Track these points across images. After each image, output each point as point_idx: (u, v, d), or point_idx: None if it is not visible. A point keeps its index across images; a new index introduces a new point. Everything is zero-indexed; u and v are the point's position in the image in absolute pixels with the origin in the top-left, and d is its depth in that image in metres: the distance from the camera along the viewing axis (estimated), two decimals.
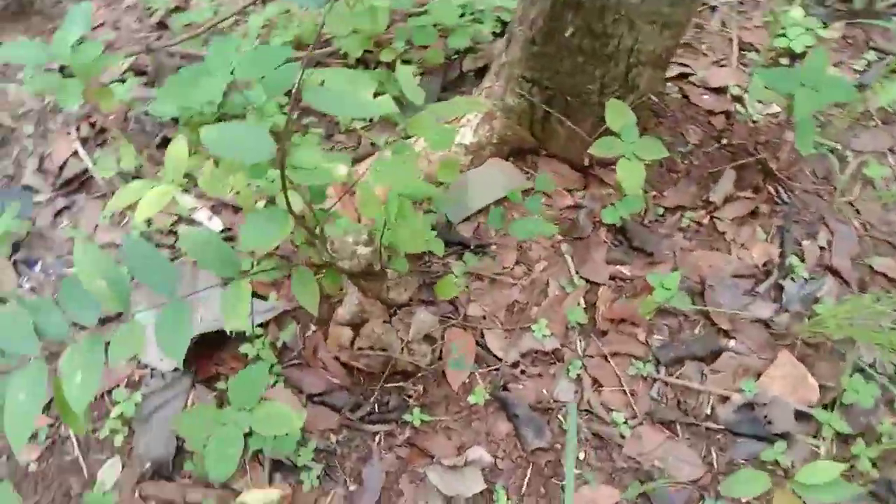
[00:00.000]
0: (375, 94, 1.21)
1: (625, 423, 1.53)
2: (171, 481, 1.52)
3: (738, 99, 2.05)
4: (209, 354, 1.65)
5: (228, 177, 1.27)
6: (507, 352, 1.63)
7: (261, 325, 1.69)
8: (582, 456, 1.51)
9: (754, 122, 1.99)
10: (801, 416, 1.50)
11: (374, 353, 1.58)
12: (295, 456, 1.51)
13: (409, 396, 1.60)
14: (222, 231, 1.85)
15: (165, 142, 1.93)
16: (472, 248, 1.77)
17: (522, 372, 1.62)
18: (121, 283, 1.15)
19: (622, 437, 1.52)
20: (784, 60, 2.14)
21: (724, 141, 1.94)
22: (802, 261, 1.73)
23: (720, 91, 2.07)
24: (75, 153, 1.98)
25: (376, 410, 1.59)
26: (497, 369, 1.62)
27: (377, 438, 1.55)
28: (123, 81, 2.08)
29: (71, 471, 1.56)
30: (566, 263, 1.77)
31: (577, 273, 1.75)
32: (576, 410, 1.55)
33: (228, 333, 1.62)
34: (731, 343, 1.62)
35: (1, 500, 1.50)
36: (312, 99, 0.97)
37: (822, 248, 1.76)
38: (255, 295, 1.75)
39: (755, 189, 1.85)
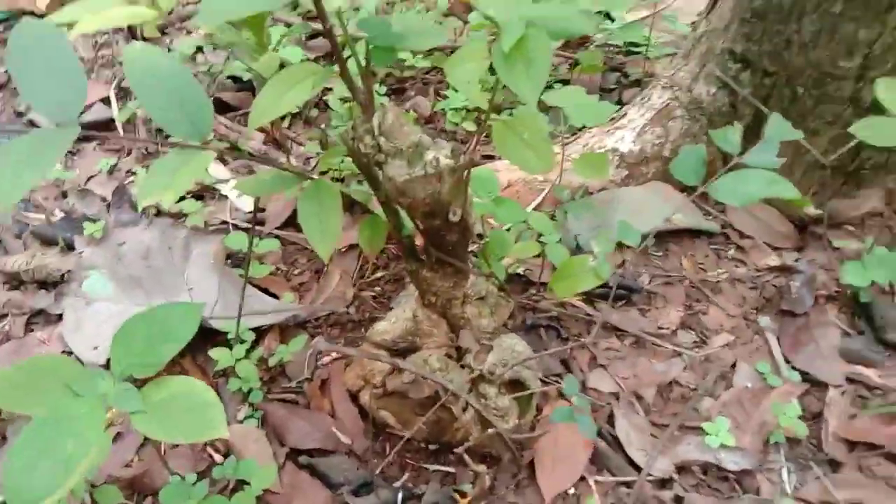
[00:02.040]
0: None
1: None
2: None
3: None
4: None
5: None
6: (651, 458, 0.90)
7: (254, 331, 1.05)
8: None
9: None
10: None
11: (418, 398, 0.89)
12: None
13: (462, 494, 0.87)
14: (251, 215, 1.28)
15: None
16: (610, 286, 1.09)
17: (678, 500, 0.87)
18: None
19: None
20: None
21: None
22: None
23: None
24: (105, 99, 1.52)
25: (397, 503, 0.87)
26: (630, 483, 0.89)
27: None
28: None
29: None
30: (767, 344, 1.06)
31: (787, 362, 1.03)
32: None
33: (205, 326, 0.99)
34: None
35: None
36: None
37: None
38: (264, 291, 1.13)
39: None
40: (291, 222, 1.28)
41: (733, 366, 1.02)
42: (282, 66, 0.77)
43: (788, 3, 1.05)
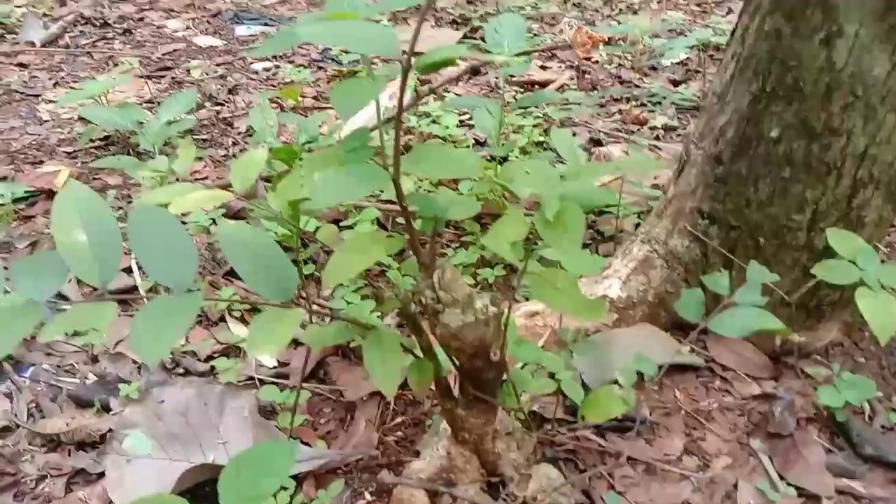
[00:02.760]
0: None
1: None
2: None
3: None
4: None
5: (312, 175, 0.88)
6: None
7: (294, 478, 1.12)
8: None
9: None
10: None
11: None
12: None
13: None
14: (274, 370, 1.37)
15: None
16: (618, 419, 1.21)
17: None
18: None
19: None
20: None
21: None
22: None
23: None
24: (128, 268, 1.63)
25: None
26: None
27: None
28: None
29: None
30: (762, 464, 1.17)
31: (781, 478, 1.14)
32: None
33: None
34: None
35: None
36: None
37: None
38: (298, 440, 1.21)
39: None
40: (314, 375, 1.37)
41: (735, 485, 1.13)
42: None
43: (745, 170, 1.27)
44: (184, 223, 1.46)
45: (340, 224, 1.68)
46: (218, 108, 2.49)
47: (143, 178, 1.44)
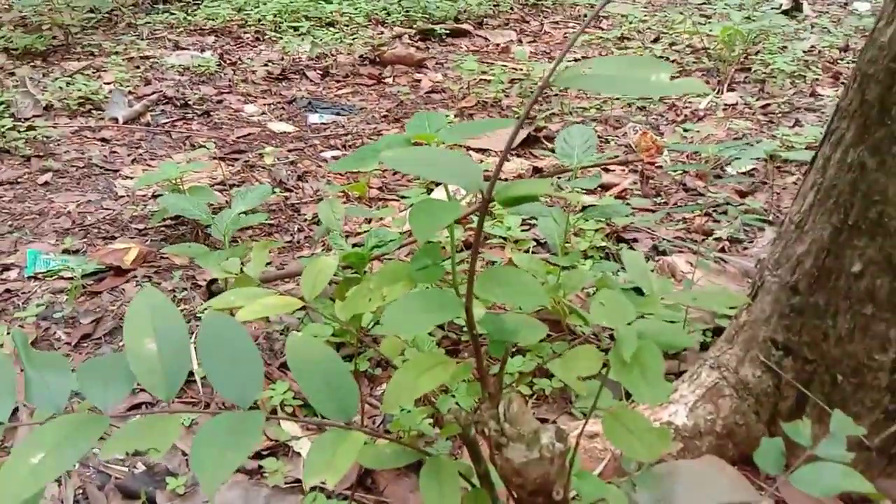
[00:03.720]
0: None
1: None
2: None
3: None
4: None
5: (380, 290, 0.87)
6: None
7: None
8: None
9: None
10: None
11: None
12: None
13: None
14: None
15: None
16: None
17: None
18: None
19: None
20: None
21: None
22: None
23: None
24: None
25: None
26: None
27: None
28: None
29: None
30: None
31: None
32: None
33: None
34: None
35: None
36: None
37: None
38: None
39: None
40: (361, 482, 1.33)
41: None
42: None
43: (824, 303, 1.21)
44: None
45: None
46: (287, 193, 2.55)
47: (210, 268, 1.46)
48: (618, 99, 3.68)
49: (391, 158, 0.73)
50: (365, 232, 2.16)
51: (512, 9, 5.35)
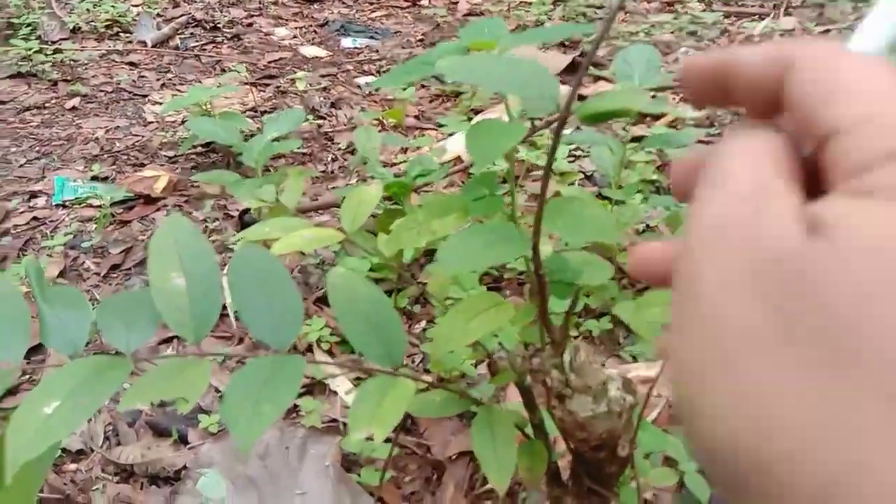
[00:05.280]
0: None
1: None
2: None
3: None
4: None
5: (430, 224, 0.77)
6: None
7: None
8: None
9: None
10: None
11: None
12: None
13: None
14: None
15: None
16: None
17: None
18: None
19: None
20: None
21: None
22: None
23: None
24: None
25: None
26: None
27: None
28: None
29: None
30: None
31: None
32: None
33: None
34: None
35: None
36: None
37: None
38: (379, 500, 1.11)
39: None
40: (401, 424, 1.27)
41: None
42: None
43: None
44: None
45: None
46: (320, 121, 2.44)
47: (243, 197, 1.37)
48: (667, 23, 3.47)
49: (449, 67, 0.62)
50: (402, 162, 2.05)
51: None
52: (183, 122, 2.41)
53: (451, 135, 1.99)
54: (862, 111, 0.21)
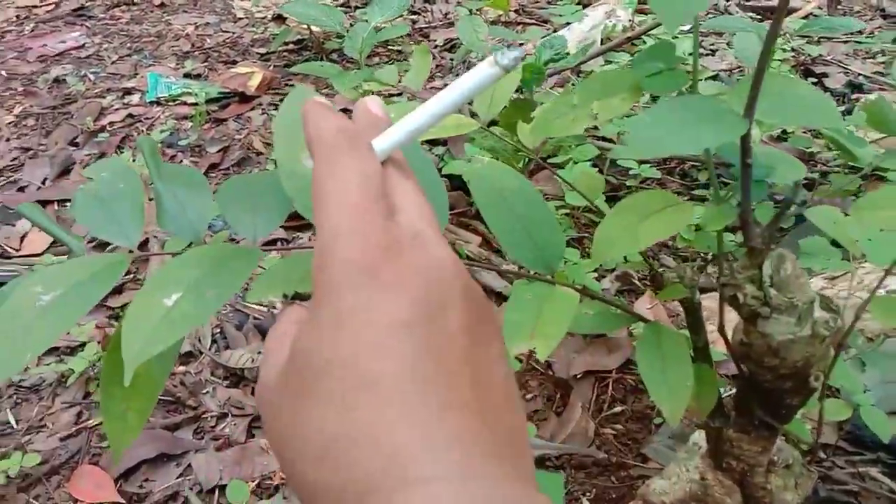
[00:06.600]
0: None
1: None
2: None
3: None
4: None
5: (588, 106, 0.64)
6: None
7: None
8: None
9: None
10: None
11: None
12: None
13: None
14: None
15: None
16: None
17: None
18: None
19: None
20: None
21: None
22: None
23: None
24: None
25: None
26: None
27: None
28: None
29: None
30: None
31: None
32: None
33: None
34: None
35: None
36: None
37: None
38: None
39: None
40: None
41: None
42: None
43: None
44: None
45: (549, 161, 1.44)
46: (414, 17, 2.29)
47: (345, 89, 1.27)
48: None
49: None
50: None
51: None
52: (274, 19, 2.29)
53: (566, 25, 1.80)
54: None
